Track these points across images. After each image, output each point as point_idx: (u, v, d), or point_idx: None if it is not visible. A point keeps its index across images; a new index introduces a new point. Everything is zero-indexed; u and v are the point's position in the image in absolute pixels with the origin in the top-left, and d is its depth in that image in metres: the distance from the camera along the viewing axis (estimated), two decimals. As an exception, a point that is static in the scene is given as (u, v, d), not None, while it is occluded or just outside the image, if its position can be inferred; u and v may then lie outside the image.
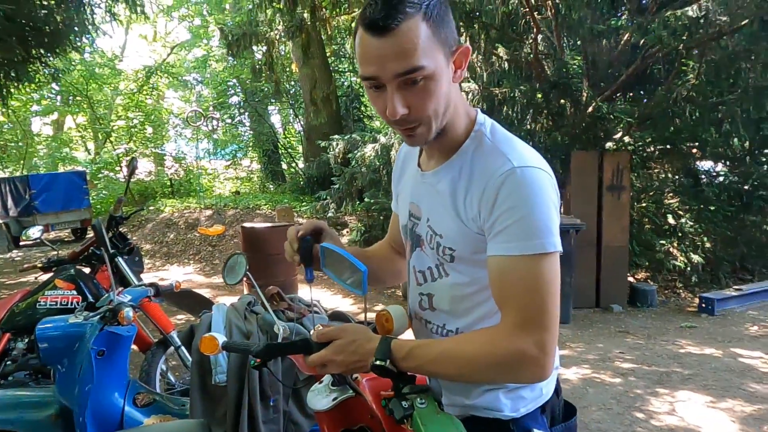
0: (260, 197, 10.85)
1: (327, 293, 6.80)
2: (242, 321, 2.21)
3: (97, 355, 1.95)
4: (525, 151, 0.96)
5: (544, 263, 0.89)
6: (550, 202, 0.91)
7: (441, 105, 0.92)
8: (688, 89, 5.72)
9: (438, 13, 0.87)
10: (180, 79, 17.20)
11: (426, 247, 1.08)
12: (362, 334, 1.01)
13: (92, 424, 1.88)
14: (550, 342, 0.89)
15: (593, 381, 3.78)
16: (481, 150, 0.98)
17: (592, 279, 5.81)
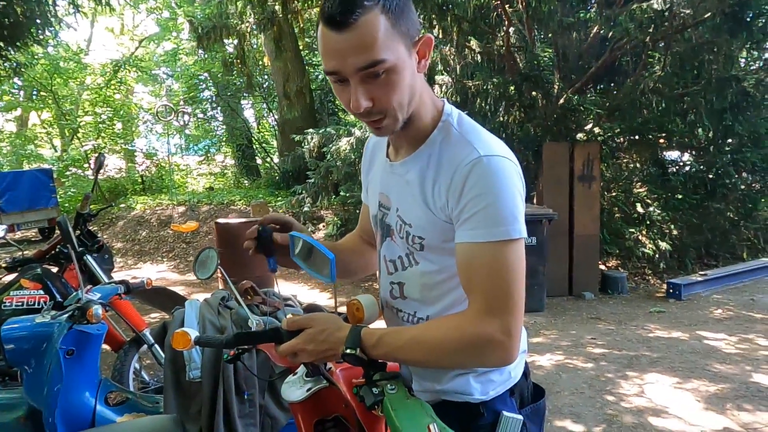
0: (235, 193, 10.72)
1: (304, 287, 6.78)
2: (216, 316, 2.20)
3: (66, 354, 1.91)
4: (491, 140, 0.98)
5: (509, 249, 0.91)
6: (515, 190, 0.93)
7: (405, 96, 0.93)
8: (655, 81, 5.86)
9: (397, 5, 0.87)
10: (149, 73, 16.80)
11: (396, 237, 1.09)
12: (332, 323, 1.02)
13: (62, 425, 1.85)
14: (515, 326, 0.91)
15: (566, 366, 3.87)
16: (449, 140, 1.00)
17: (565, 268, 5.93)
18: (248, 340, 1.09)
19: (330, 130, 8.58)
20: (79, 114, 14.95)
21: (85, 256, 2.83)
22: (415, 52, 0.92)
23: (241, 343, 1.07)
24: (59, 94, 14.87)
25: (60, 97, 14.74)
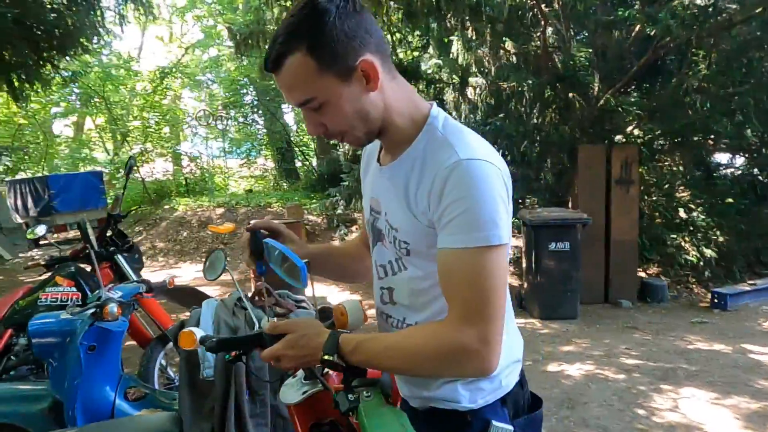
0: (272, 195, 10.94)
1: (335, 289, 6.84)
2: (230, 317, 2.24)
3: (87, 350, 2.00)
4: (474, 143, 0.96)
5: (488, 256, 0.89)
6: (496, 195, 0.90)
7: (353, 119, 0.96)
8: (700, 80, 5.60)
9: (326, 44, 0.89)
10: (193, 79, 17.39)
11: (386, 241, 1.08)
12: (312, 329, 1.02)
13: (82, 417, 1.93)
14: (492, 335, 0.89)
15: (596, 377, 3.74)
16: (433, 143, 0.99)
17: (601, 274, 5.73)
18: (231, 345, 1.11)
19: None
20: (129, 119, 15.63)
21: (116, 256, 2.95)
22: (356, 77, 0.92)
23: (223, 349, 1.09)
24: (111, 101, 15.60)
25: (112, 103, 15.45)
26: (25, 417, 1.98)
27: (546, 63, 6.47)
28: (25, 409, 1.99)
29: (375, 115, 0.97)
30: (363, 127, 0.98)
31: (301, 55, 0.89)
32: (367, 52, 0.92)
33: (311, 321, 1.05)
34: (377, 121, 0.98)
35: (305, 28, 0.89)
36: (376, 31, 0.95)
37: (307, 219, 8.93)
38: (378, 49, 0.95)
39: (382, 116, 0.98)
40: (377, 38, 0.95)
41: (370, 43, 0.93)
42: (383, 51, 0.96)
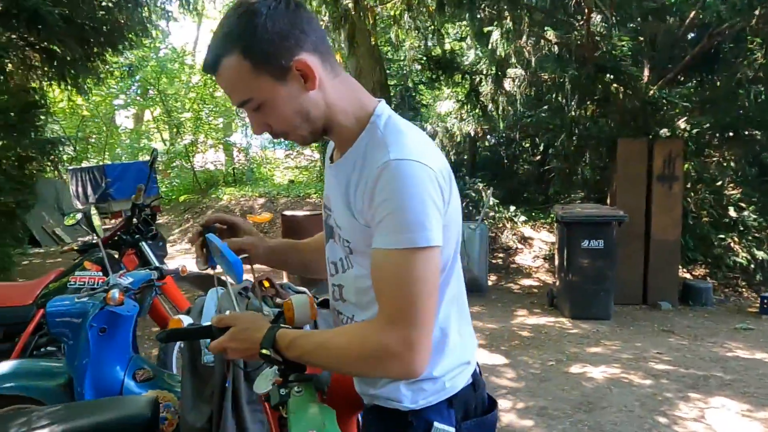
0: (312, 186, 11.12)
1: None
2: (232, 306, 2.31)
3: (99, 331, 2.12)
4: (409, 142, 0.94)
5: (414, 258, 0.88)
6: (425, 196, 0.89)
7: (294, 118, 0.96)
8: (756, 69, 5.21)
9: (258, 42, 0.89)
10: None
11: (336, 238, 1.09)
12: (253, 323, 1.04)
13: (91, 394, 2.05)
14: (417, 339, 0.88)
15: (620, 381, 3.60)
16: (372, 142, 0.98)
17: (639, 274, 5.49)
18: (181, 335, 1.15)
19: (404, 125, 8.62)
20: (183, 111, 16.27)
21: (141, 243, 3.10)
22: (293, 77, 0.93)
23: (173, 339, 1.14)
24: (166, 93, 16.31)
25: (167, 95, 16.13)
26: (41, 391, 2.13)
27: (589, 53, 6.21)
28: (43, 384, 2.14)
29: (316, 114, 0.97)
30: (306, 126, 0.98)
31: (236, 57, 0.90)
32: (303, 51, 0.92)
33: (254, 315, 1.07)
34: (319, 120, 0.98)
35: (238, 29, 0.90)
36: (314, 30, 0.95)
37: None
38: (316, 48, 0.94)
39: (325, 115, 0.98)
40: (315, 36, 0.95)
41: (305, 42, 0.93)
42: (323, 49, 0.96)
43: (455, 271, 1.07)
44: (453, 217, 1.00)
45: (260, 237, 1.29)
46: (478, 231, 5.84)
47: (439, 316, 1.02)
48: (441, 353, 1.04)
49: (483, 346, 4.35)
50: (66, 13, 4.47)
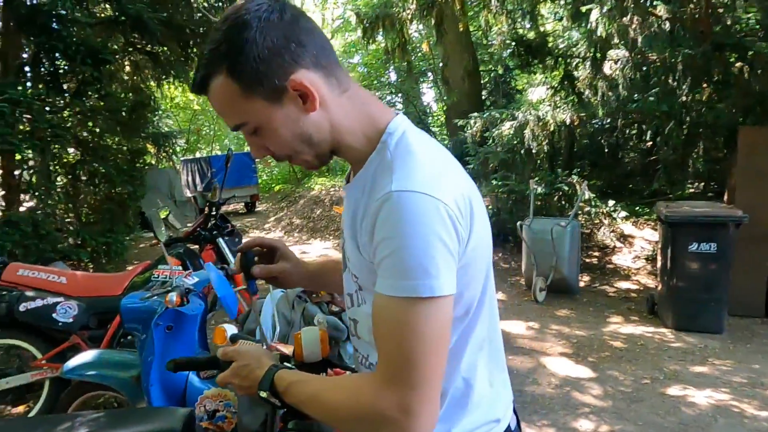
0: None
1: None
2: (289, 309, 2.30)
3: (165, 329, 2.21)
4: (418, 168, 0.80)
5: (416, 309, 0.75)
6: (430, 236, 0.75)
7: (294, 142, 0.85)
8: None
9: (247, 61, 0.78)
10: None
11: (347, 270, 0.98)
12: (255, 360, 0.98)
13: (156, 389, 2.15)
14: (416, 403, 0.75)
15: (729, 410, 3.14)
16: (381, 166, 0.86)
17: (762, 283, 4.76)
18: (189, 366, 1.11)
19: (494, 113, 8.26)
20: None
21: (217, 239, 3.22)
22: (289, 98, 0.81)
23: (181, 369, 1.10)
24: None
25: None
26: (117, 381, 2.28)
27: (706, 28, 5.45)
28: (118, 375, 2.29)
29: (320, 137, 0.86)
30: (309, 150, 0.87)
31: (224, 78, 0.80)
32: (300, 67, 0.81)
33: (256, 351, 1.00)
34: (324, 143, 0.87)
35: (225, 46, 0.79)
36: (313, 41, 0.83)
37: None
38: (317, 62, 0.83)
39: (330, 137, 0.87)
40: (315, 49, 0.83)
41: (303, 57, 0.81)
42: (325, 63, 0.84)
43: (483, 312, 0.92)
44: (478, 253, 0.85)
45: (296, 262, 1.20)
46: (569, 228, 5.42)
47: (461, 366, 0.89)
48: (463, 408, 0.90)
49: (567, 355, 4.03)
50: (165, 17, 4.76)
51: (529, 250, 5.66)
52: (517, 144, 7.48)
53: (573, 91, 6.37)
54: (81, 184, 5.80)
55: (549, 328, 4.72)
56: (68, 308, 2.86)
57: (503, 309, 5.35)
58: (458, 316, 0.87)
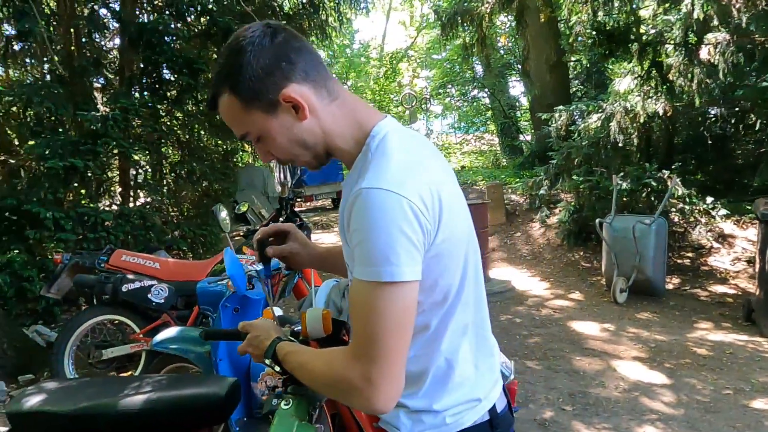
0: (480, 173, 10.96)
1: (525, 273, 6.61)
2: (340, 298, 2.47)
3: (233, 311, 2.48)
4: (389, 167, 0.90)
5: (379, 293, 0.85)
6: (392, 228, 0.84)
7: (292, 147, 0.98)
8: None
9: (244, 80, 0.92)
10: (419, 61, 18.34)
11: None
12: (265, 331, 1.13)
13: (225, 364, 2.42)
14: (377, 375, 0.85)
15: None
16: (364, 165, 0.97)
17: None
18: (218, 335, 1.29)
19: (581, 105, 7.93)
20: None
21: (288, 232, 3.48)
22: (283, 109, 0.94)
23: (211, 338, 1.28)
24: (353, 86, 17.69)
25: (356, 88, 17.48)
26: (193, 355, 2.58)
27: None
28: (195, 349, 2.59)
29: (313, 141, 0.98)
30: (306, 153, 1.00)
31: (228, 96, 0.94)
32: (291, 82, 0.93)
33: (266, 323, 1.15)
34: (318, 146, 0.99)
35: (226, 69, 0.94)
36: (303, 58, 0.95)
37: (509, 199, 8.72)
38: (306, 76, 0.95)
39: (323, 141, 0.99)
40: (304, 65, 0.95)
41: (293, 73, 0.93)
42: (314, 76, 0.96)
43: (464, 299, 1.00)
44: (450, 244, 0.94)
45: (306, 243, 1.35)
46: (654, 226, 5.10)
47: (441, 347, 0.98)
48: (444, 386, 0.99)
49: (642, 360, 3.84)
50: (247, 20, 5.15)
51: (609, 248, 5.41)
52: (603, 137, 7.12)
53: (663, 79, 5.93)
54: (182, 182, 6.44)
55: (626, 330, 4.50)
56: (160, 290, 3.27)
57: (578, 308, 5.18)
58: (437, 302, 0.96)
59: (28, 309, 4.33)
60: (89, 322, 3.32)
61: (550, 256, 7.06)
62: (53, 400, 1.50)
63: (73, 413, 1.44)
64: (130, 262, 3.42)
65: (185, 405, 1.47)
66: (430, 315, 0.97)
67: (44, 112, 5.14)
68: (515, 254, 7.43)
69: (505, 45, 10.50)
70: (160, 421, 1.46)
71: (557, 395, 3.35)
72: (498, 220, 8.15)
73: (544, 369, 3.75)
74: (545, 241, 7.49)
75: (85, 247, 4.61)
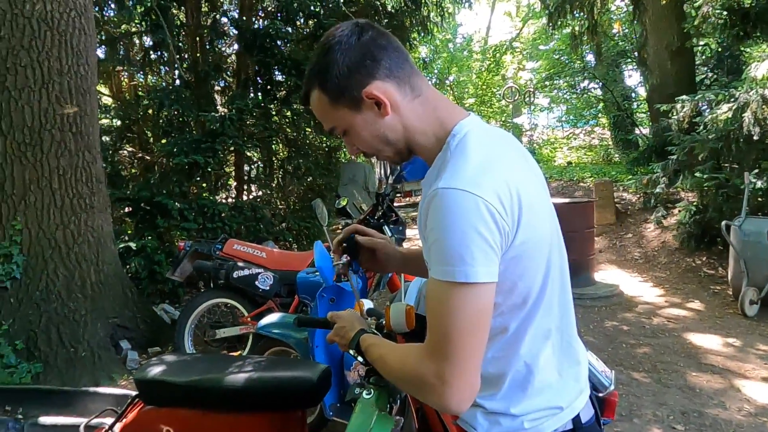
0: (588, 169, 10.32)
1: (635, 278, 6.13)
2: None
3: (329, 301, 2.60)
4: (467, 167, 0.89)
5: (453, 292, 0.85)
6: (467, 228, 0.84)
7: (375, 142, 1.01)
8: None
9: (331, 78, 0.96)
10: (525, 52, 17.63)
11: None
12: (350, 322, 1.18)
13: (320, 351, 2.55)
14: (450, 374, 0.86)
15: None
16: (443, 164, 0.97)
17: None
18: (309, 323, 1.36)
19: (709, 94, 7.15)
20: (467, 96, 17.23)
21: (384, 227, 3.56)
22: (367, 105, 0.97)
23: (303, 325, 1.36)
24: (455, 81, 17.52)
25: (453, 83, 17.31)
26: (293, 340, 2.74)
27: None
28: (294, 335, 2.75)
29: (395, 137, 1.01)
30: (388, 148, 1.03)
31: (318, 92, 0.99)
32: (374, 80, 0.96)
33: (352, 315, 1.20)
34: (400, 142, 1.01)
35: (317, 67, 0.99)
36: (387, 56, 0.97)
37: (620, 197, 8.12)
38: (390, 73, 0.97)
39: (404, 137, 1.01)
40: (389, 62, 0.97)
41: (377, 71, 0.96)
42: (398, 73, 0.98)
43: (546, 303, 0.97)
44: (530, 246, 0.92)
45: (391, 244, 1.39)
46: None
47: (521, 351, 0.97)
48: (523, 391, 0.98)
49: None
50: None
51: (738, 255, 4.83)
52: (734, 130, 6.36)
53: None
54: (289, 177, 6.85)
55: (754, 347, 4.01)
56: (266, 278, 3.52)
57: (697, 319, 4.71)
58: (516, 304, 0.94)
59: (158, 289, 4.89)
60: (205, 304, 3.66)
61: (666, 260, 6.48)
62: (170, 371, 1.69)
63: (186, 384, 1.61)
64: (240, 251, 3.72)
65: (280, 386, 1.58)
66: (509, 317, 0.95)
67: (173, 114, 5.75)
68: (625, 257, 6.92)
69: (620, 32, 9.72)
70: (257, 398, 1.58)
71: (667, 412, 3.08)
72: (607, 220, 7.64)
73: (654, 382, 3.47)
74: (660, 243, 6.88)
75: (204, 236, 5.10)
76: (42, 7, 3.61)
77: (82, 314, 3.69)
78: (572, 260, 3.48)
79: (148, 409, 1.68)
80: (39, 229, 3.63)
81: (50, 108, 3.65)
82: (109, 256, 4.05)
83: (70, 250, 3.73)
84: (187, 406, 1.63)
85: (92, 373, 3.52)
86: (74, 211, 3.76)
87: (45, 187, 3.64)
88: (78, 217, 3.78)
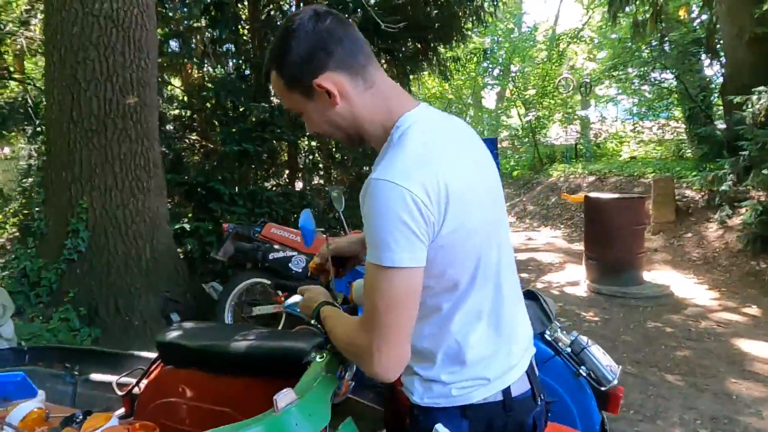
0: (650, 165, 9.79)
1: (690, 279, 5.82)
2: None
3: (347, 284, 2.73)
4: (400, 159, 0.95)
5: (380, 274, 0.93)
6: (391, 217, 0.90)
7: (326, 126, 1.08)
8: None
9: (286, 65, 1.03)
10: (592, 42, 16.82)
11: None
12: (315, 295, 1.28)
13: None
14: (382, 346, 0.95)
15: None
16: (382, 155, 1.03)
17: None
18: None
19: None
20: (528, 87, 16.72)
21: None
22: (318, 93, 1.02)
23: None
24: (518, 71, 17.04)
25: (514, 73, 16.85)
26: (314, 319, 2.90)
27: None
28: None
29: (345, 125, 1.07)
30: (338, 133, 1.10)
31: (275, 74, 1.05)
32: (326, 70, 1.00)
33: (318, 289, 1.31)
34: (350, 129, 1.08)
35: (275, 51, 1.06)
36: (342, 46, 1.01)
37: (682, 194, 7.67)
38: (342, 64, 1.00)
39: (354, 125, 1.07)
40: (342, 54, 1.01)
41: (329, 61, 1.01)
42: (351, 63, 1.02)
43: (478, 288, 1.04)
44: (460, 236, 0.97)
45: (350, 238, 1.49)
46: None
47: (451, 329, 1.04)
48: (454, 362, 1.06)
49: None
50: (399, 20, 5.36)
51: (803, 258, 4.49)
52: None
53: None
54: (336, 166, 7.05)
55: (810, 358, 3.74)
56: (299, 261, 3.70)
57: (751, 325, 4.44)
58: (447, 287, 1.02)
59: (209, 269, 5.23)
60: (244, 283, 3.91)
61: (726, 262, 6.09)
62: (185, 336, 1.88)
63: (196, 348, 1.79)
64: (277, 235, 3.93)
65: (276, 355, 1.72)
66: (441, 299, 1.02)
67: (229, 105, 6.08)
68: (682, 257, 6.57)
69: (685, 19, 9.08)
70: (257, 364, 1.73)
71: (695, 416, 2.97)
72: (664, 218, 7.26)
73: (687, 386, 3.34)
74: (722, 244, 6.47)
75: (253, 221, 5.39)
76: (109, 5, 3.95)
77: (137, 287, 4.06)
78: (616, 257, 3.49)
79: (167, 369, 1.88)
80: (102, 209, 4.02)
81: (114, 98, 4.01)
82: (164, 235, 4.40)
83: (129, 228, 4.09)
84: (199, 368, 1.81)
85: (144, 341, 3.88)
86: (133, 193, 4.12)
87: (108, 170, 4.02)
88: (136, 199, 4.14)
